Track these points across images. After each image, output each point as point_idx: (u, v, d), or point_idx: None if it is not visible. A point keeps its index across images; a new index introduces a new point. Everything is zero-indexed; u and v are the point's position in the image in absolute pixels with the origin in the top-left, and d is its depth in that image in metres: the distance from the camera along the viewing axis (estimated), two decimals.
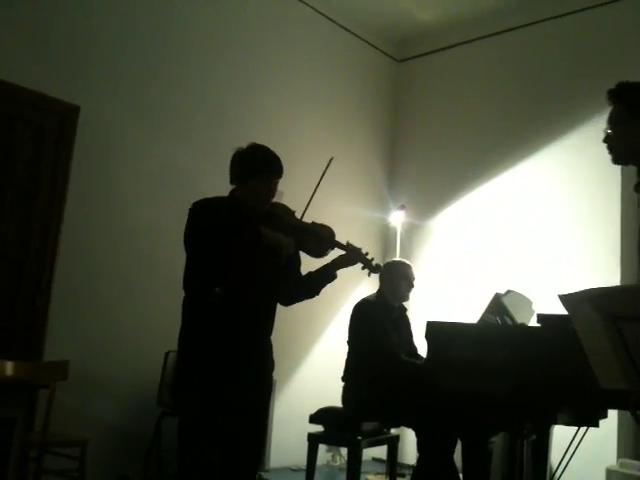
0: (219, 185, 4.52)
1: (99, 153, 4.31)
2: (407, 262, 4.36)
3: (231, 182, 2.80)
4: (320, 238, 2.77)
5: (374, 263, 2.85)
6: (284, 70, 5.56)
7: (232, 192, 2.82)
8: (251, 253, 2.61)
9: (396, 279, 4.18)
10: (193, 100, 4.87)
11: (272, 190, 2.74)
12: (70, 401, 3.91)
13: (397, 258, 4.46)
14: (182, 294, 4.43)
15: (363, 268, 2.86)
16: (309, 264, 2.90)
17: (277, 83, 5.49)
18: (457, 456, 3.57)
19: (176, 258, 4.53)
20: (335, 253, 2.85)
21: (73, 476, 3.56)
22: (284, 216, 2.77)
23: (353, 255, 2.82)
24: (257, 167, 2.70)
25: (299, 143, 5.22)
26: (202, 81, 4.96)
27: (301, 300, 2.94)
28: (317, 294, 2.91)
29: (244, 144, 2.81)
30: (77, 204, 4.17)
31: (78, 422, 3.91)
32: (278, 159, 2.76)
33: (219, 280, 2.60)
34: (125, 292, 4.37)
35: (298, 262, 2.88)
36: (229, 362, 2.62)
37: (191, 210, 2.75)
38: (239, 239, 2.58)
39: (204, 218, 2.66)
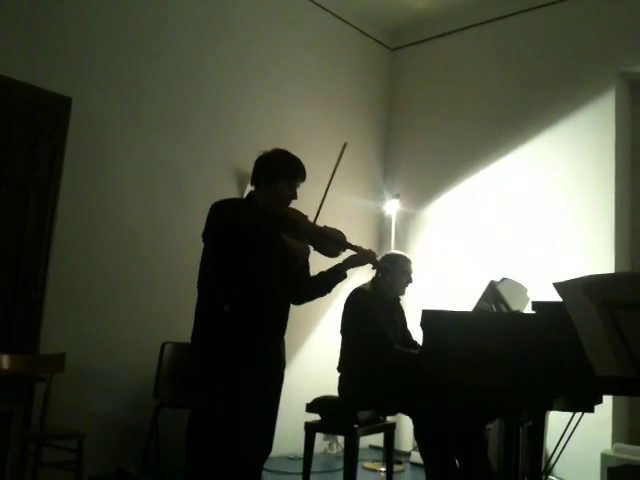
0: (212, 180, 4.54)
1: (92, 146, 4.29)
2: (407, 256, 4.34)
3: (252, 184, 2.87)
4: (333, 241, 2.89)
5: (382, 264, 3.07)
6: (278, 62, 5.53)
7: (251, 195, 2.88)
8: (273, 260, 2.70)
9: (396, 273, 4.18)
10: (186, 93, 4.85)
11: (294, 194, 2.83)
12: (67, 394, 3.90)
13: (397, 251, 4.45)
14: (176, 286, 4.46)
15: (373, 268, 3.06)
16: (319, 264, 2.98)
17: (271, 76, 5.47)
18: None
19: (170, 251, 4.59)
20: (345, 254, 2.95)
21: (71, 468, 3.56)
22: (300, 220, 2.86)
23: (364, 257, 2.93)
24: (284, 172, 2.78)
25: (294, 136, 5.19)
26: (196, 74, 4.94)
27: (313, 299, 3.03)
28: (329, 292, 3.00)
29: (237, 139, 2.83)
30: (71, 198, 4.16)
31: (75, 415, 3.91)
32: (302, 164, 2.84)
33: (236, 284, 2.66)
34: (120, 285, 4.37)
35: (307, 264, 2.96)
36: (245, 365, 2.69)
37: (212, 210, 2.77)
38: (262, 246, 2.66)
39: (226, 220, 2.71)
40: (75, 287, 4.15)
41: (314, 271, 2.97)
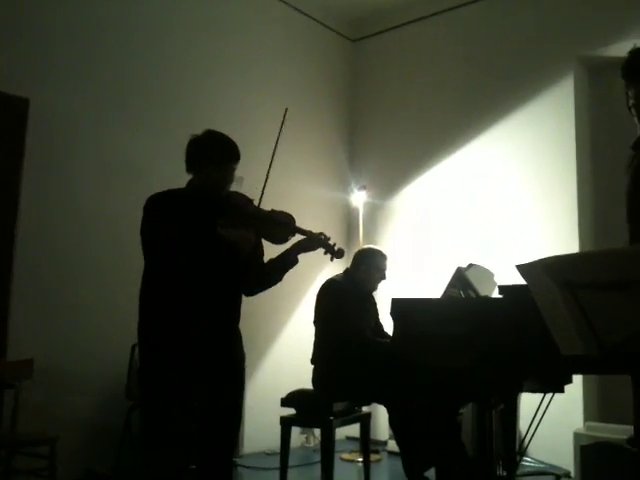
0: (174, 173, 4.46)
1: (51, 146, 4.22)
2: (384, 253, 4.35)
3: (187, 170, 2.74)
4: (280, 225, 2.72)
5: (336, 248, 2.81)
6: (239, 55, 5.50)
7: (189, 182, 2.76)
8: (209, 253, 2.57)
9: (372, 269, 4.19)
10: (146, 87, 4.79)
11: (229, 177, 2.70)
12: (37, 400, 3.85)
13: (375, 247, 4.44)
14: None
15: (325, 253, 2.81)
16: (272, 252, 2.89)
17: (232, 69, 5.44)
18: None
19: (137, 249, 4.52)
20: (296, 238, 2.82)
21: (43, 475, 3.51)
22: (243, 206, 2.70)
23: (313, 240, 2.77)
24: (213, 154, 2.66)
25: (257, 128, 5.16)
26: (155, 67, 4.87)
27: (265, 289, 2.90)
28: (280, 280, 2.87)
29: (199, 131, 2.77)
30: (32, 198, 4.09)
31: (47, 420, 3.85)
32: (234, 145, 2.71)
33: (175, 280, 2.58)
34: (87, 285, 4.31)
35: (261, 251, 2.84)
36: (192, 354, 2.58)
37: (146, 206, 2.67)
38: (197, 242, 2.54)
39: (158, 217, 2.60)
40: (41, 291, 4.08)
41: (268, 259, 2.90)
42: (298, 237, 2.80)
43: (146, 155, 4.71)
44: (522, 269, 1.58)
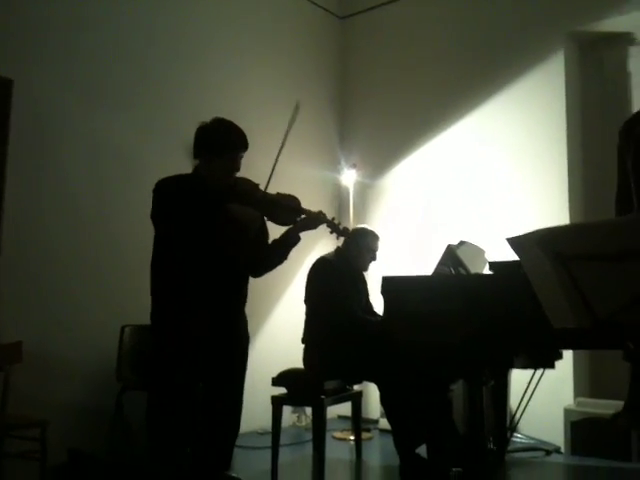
0: (162, 157, 4.44)
1: (36, 129, 4.14)
2: (376, 234, 4.34)
3: (194, 157, 2.79)
4: (288, 208, 2.80)
5: (341, 227, 2.94)
6: (226, 35, 5.40)
7: (196, 169, 2.81)
8: (220, 232, 2.62)
9: (362, 250, 4.18)
10: (132, 69, 4.70)
11: (237, 165, 2.75)
12: (27, 383, 3.81)
13: (368, 227, 4.42)
14: (131, 267, 4.40)
15: (331, 232, 2.95)
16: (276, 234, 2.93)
17: (220, 49, 5.35)
18: None
19: (123, 232, 4.49)
20: None
21: (35, 458, 3.50)
22: (250, 190, 2.77)
23: (315, 219, 2.86)
24: (222, 142, 2.70)
25: (245, 110, 5.10)
26: (141, 49, 4.78)
27: (271, 269, 2.98)
28: (285, 259, 2.95)
29: (186, 115, 2.78)
30: (18, 181, 4.01)
31: (37, 404, 3.82)
32: (243, 134, 2.76)
33: (188, 261, 2.63)
34: (75, 268, 4.26)
35: (266, 234, 2.90)
36: (203, 343, 2.65)
37: (155, 190, 2.72)
38: (209, 220, 2.60)
39: (170, 198, 2.65)
40: (29, 274, 4.03)
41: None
42: None
43: (137, 137, 4.64)
44: (512, 242, 1.56)
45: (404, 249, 5.72)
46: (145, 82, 4.78)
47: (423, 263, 5.10)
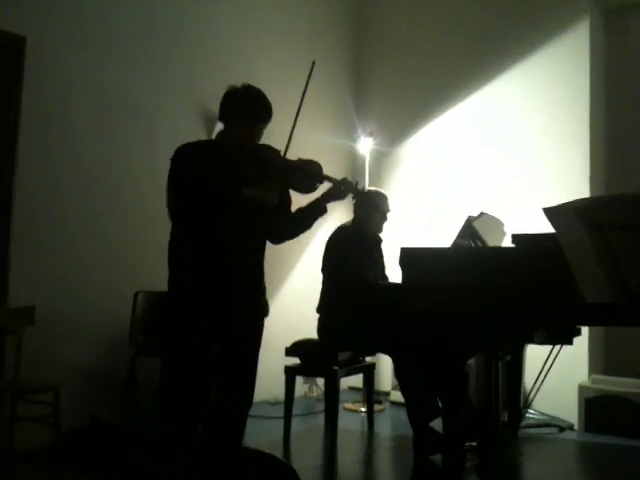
0: (175, 115, 4.33)
1: (49, 86, 4.06)
2: (382, 192, 4.26)
3: (220, 119, 2.75)
4: (308, 174, 2.73)
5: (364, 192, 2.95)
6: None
7: (219, 133, 2.80)
8: (233, 211, 2.60)
9: (370, 210, 4.10)
10: (144, 25, 4.59)
11: (260, 134, 2.72)
12: (40, 347, 3.80)
13: (372, 187, 4.37)
14: (142, 231, 4.36)
15: (354, 198, 2.99)
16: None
17: (235, 7, 5.23)
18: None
19: (139, 195, 4.44)
20: (324, 187, 2.80)
21: (48, 422, 3.50)
22: (271, 157, 2.72)
23: (343, 188, 2.78)
24: (248, 110, 2.66)
25: (259, 70, 4.99)
26: (153, 4, 4.66)
27: (292, 238, 2.93)
28: (309, 228, 2.89)
29: (199, 73, 2.71)
30: (30, 141, 3.96)
31: (49, 367, 3.82)
32: (269, 103, 2.72)
33: (198, 234, 2.61)
34: (88, 231, 4.22)
35: (289, 201, 2.85)
36: (220, 301, 2.63)
37: (174, 156, 2.66)
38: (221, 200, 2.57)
39: (186, 171, 2.59)
40: (41, 235, 3.99)
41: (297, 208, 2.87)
42: (326, 185, 2.80)
43: (149, 92, 4.56)
44: (549, 212, 1.50)
45: (420, 218, 5.65)
46: (158, 39, 4.67)
47: (439, 232, 5.05)
